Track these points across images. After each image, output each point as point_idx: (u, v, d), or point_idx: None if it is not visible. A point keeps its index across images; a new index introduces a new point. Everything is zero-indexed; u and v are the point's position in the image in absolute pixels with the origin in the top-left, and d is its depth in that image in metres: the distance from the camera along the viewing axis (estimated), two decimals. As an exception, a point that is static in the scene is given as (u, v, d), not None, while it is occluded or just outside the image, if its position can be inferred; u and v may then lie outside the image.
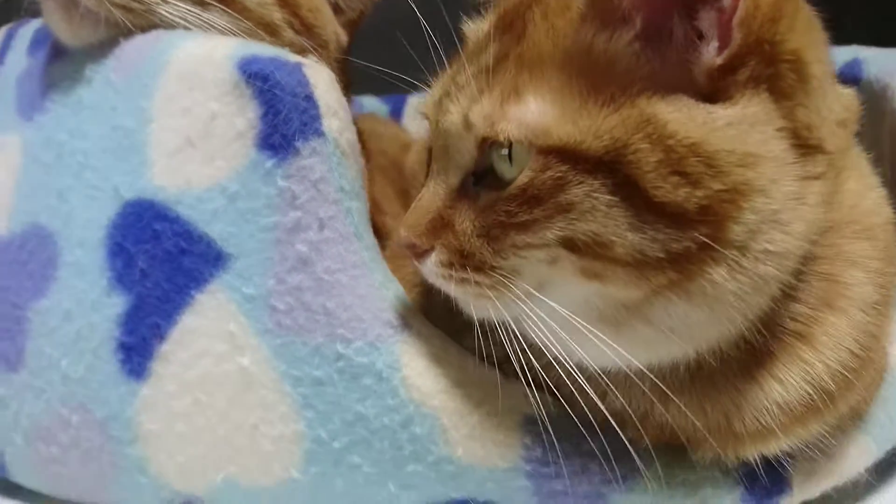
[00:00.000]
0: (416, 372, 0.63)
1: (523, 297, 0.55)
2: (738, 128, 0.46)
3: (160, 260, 0.67)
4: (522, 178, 0.49)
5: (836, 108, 0.53)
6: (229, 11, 0.75)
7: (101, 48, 0.74)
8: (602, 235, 0.48)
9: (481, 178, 0.53)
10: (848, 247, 0.56)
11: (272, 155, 0.64)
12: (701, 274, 0.48)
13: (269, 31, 0.77)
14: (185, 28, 0.74)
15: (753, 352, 0.55)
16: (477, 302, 0.57)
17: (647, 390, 0.58)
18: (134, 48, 0.72)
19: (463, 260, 0.53)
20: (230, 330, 0.65)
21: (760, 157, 0.46)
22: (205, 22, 0.74)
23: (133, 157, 0.69)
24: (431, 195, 0.55)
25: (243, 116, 0.65)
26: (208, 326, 0.65)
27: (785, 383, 0.59)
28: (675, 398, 0.59)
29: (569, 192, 0.48)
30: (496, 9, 0.65)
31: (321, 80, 0.66)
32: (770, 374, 0.59)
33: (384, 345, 0.63)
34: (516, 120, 0.49)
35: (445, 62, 0.61)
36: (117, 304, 0.67)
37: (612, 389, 0.60)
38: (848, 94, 0.57)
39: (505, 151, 0.53)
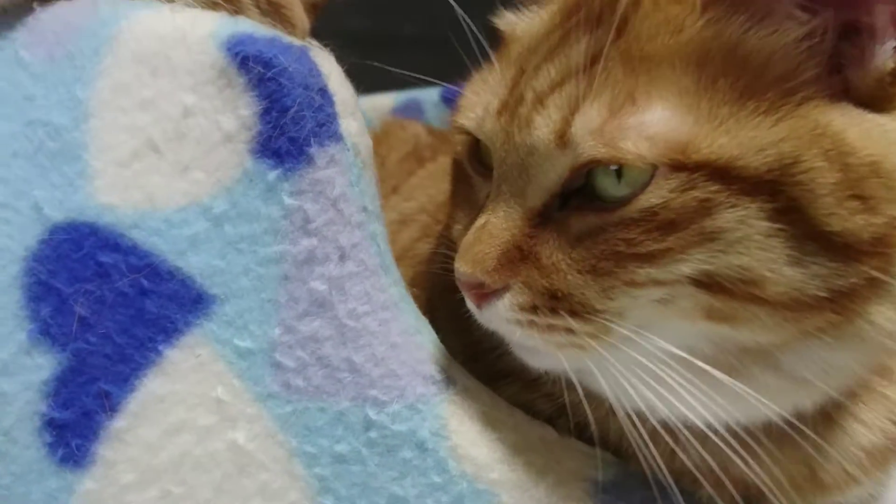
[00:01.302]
0: (468, 439, 0.49)
1: (617, 343, 0.42)
2: None
3: (110, 305, 0.48)
4: (651, 199, 0.39)
5: None
6: None
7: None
8: (753, 271, 0.39)
9: (567, 200, 0.42)
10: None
11: (276, 164, 0.48)
12: (862, 313, 0.40)
13: (233, 9, 0.60)
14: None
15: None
16: (563, 352, 0.44)
17: (732, 443, 0.49)
18: (55, 18, 0.52)
19: (553, 302, 0.42)
20: (217, 396, 0.47)
21: None
22: None
23: (64, 164, 0.49)
24: (501, 222, 0.43)
25: (233, 113, 0.48)
26: (185, 393, 0.47)
27: (869, 425, 0.51)
28: (760, 451, 0.50)
29: (717, 216, 0.38)
30: None
31: (333, 70, 0.50)
32: (853, 415, 0.51)
33: (427, 406, 0.48)
34: (640, 133, 0.39)
35: (482, 62, 0.48)
36: (43, 366, 0.47)
37: (690, 443, 0.50)
38: None
39: (614, 168, 0.41)
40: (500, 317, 0.43)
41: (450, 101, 1.42)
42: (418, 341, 0.47)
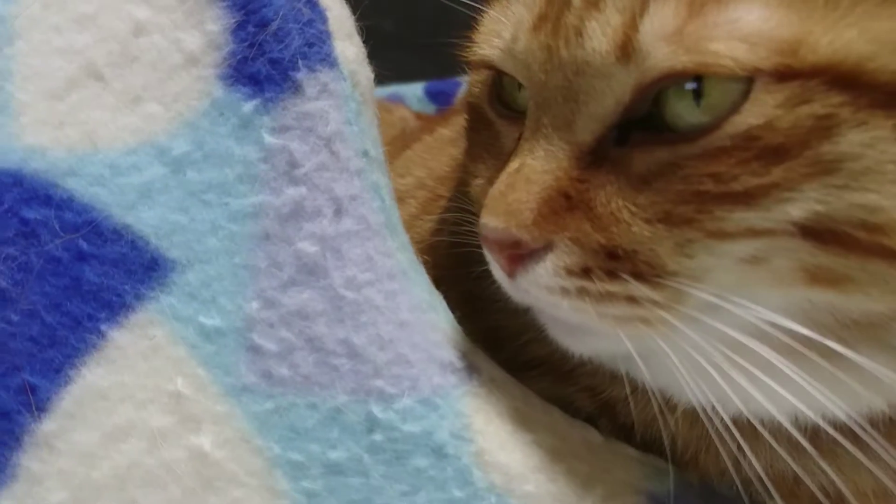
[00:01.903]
0: (497, 442, 0.38)
1: (695, 314, 0.33)
2: None
3: (37, 274, 0.36)
4: (749, 119, 0.30)
5: None
6: None
7: None
8: (883, 213, 0.29)
9: (626, 134, 0.33)
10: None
11: (253, 93, 0.37)
12: None
13: None
14: None
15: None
16: (624, 329, 0.34)
17: (809, 448, 0.37)
18: None
19: (612, 263, 0.33)
20: (176, 390, 0.36)
21: None
22: None
23: None
24: (542, 163, 0.34)
25: (198, 29, 0.37)
26: (134, 386, 0.36)
27: None
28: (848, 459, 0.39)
29: (840, 139, 0.29)
30: None
31: (325, -17, 0.40)
32: None
33: (445, 401, 0.38)
34: (733, 33, 0.30)
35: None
36: (-53, 352, 0.36)
37: (767, 445, 0.40)
38: None
39: (691, 86, 0.31)
40: (541, 285, 0.34)
41: (435, 95, 1.32)
42: (433, 320, 0.37)
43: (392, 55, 0.55)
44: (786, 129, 0.30)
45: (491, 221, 0.34)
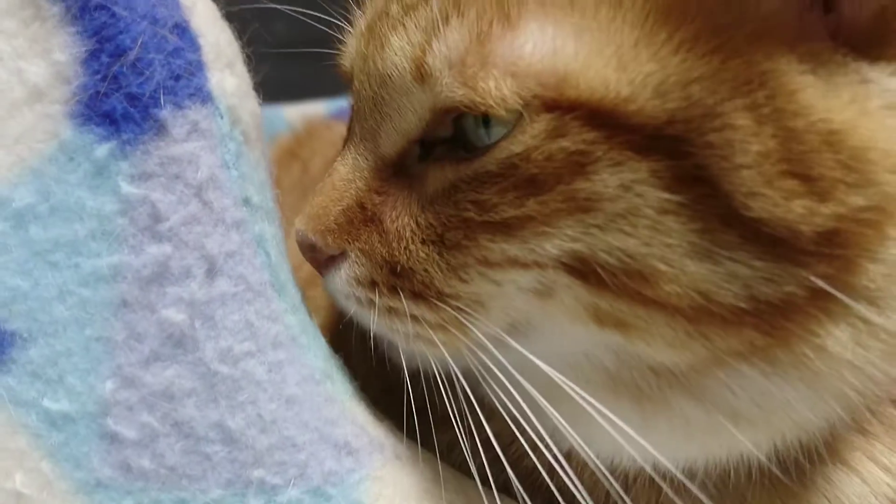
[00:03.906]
0: None
1: (487, 344, 0.31)
2: None
3: None
4: (511, 147, 0.29)
5: None
6: None
7: None
8: (640, 260, 0.28)
9: (431, 149, 0.33)
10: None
11: (109, 134, 0.31)
12: (806, 336, 0.29)
13: None
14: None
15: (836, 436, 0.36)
16: (414, 346, 0.33)
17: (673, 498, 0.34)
18: None
19: (395, 279, 0.32)
20: (15, 489, 0.30)
21: None
22: None
23: None
24: (349, 172, 0.34)
25: (44, 59, 0.31)
26: None
27: (892, 469, 0.38)
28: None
29: (593, 177, 0.28)
30: None
31: (201, 2, 0.34)
32: (870, 457, 0.38)
33: (340, 489, 0.32)
34: (507, 68, 0.29)
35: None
36: None
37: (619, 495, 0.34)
38: None
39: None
40: (339, 291, 0.34)
41: None
42: (327, 391, 0.31)
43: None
44: (541, 161, 0.28)
45: (298, 223, 0.34)
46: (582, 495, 0.30)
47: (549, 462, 0.31)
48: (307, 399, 0.31)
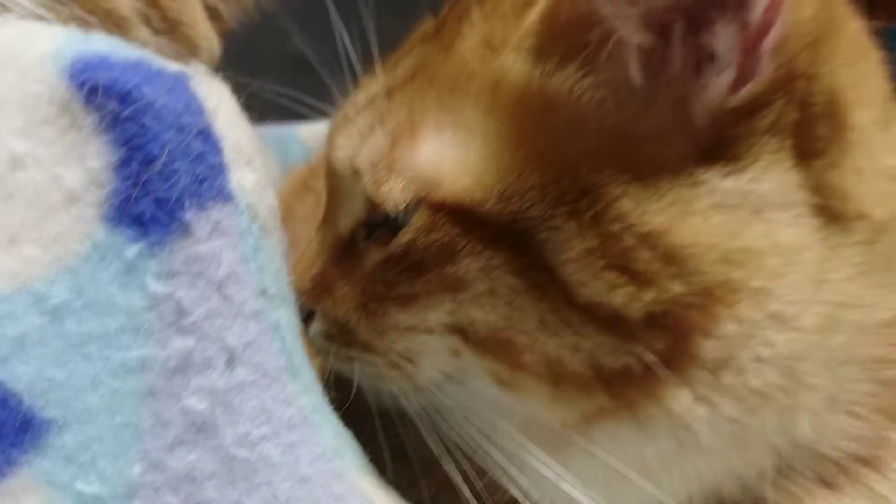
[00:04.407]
0: None
1: (430, 387, 0.37)
2: (736, 213, 0.32)
3: None
4: (403, 237, 0.35)
5: (891, 159, 0.36)
6: None
7: None
8: (504, 331, 0.34)
9: (374, 230, 0.38)
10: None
11: (138, 236, 0.33)
12: (650, 400, 0.33)
13: (113, 24, 0.46)
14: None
15: (797, 486, 0.38)
16: (378, 379, 0.39)
17: None
18: None
19: (345, 335, 0.39)
20: None
21: (760, 253, 0.32)
22: None
23: None
24: (318, 245, 0.41)
25: (79, 165, 0.33)
26: None
27: None
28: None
29: (458, 263, 0.34)
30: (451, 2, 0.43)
31: (222, 103, 0.36)
32: None
33: None
34: (407, 171, 0.35)
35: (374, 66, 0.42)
36: None
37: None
38: None
39: None
40: (313, 340, 0.40)
41: None
42: (337, 468, 0.33)
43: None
44: (421, 249, 0.34)
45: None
46: None
47: None
48: (319, 477, 0.33)
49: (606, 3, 0.31)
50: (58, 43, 0.34)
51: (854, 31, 0.34)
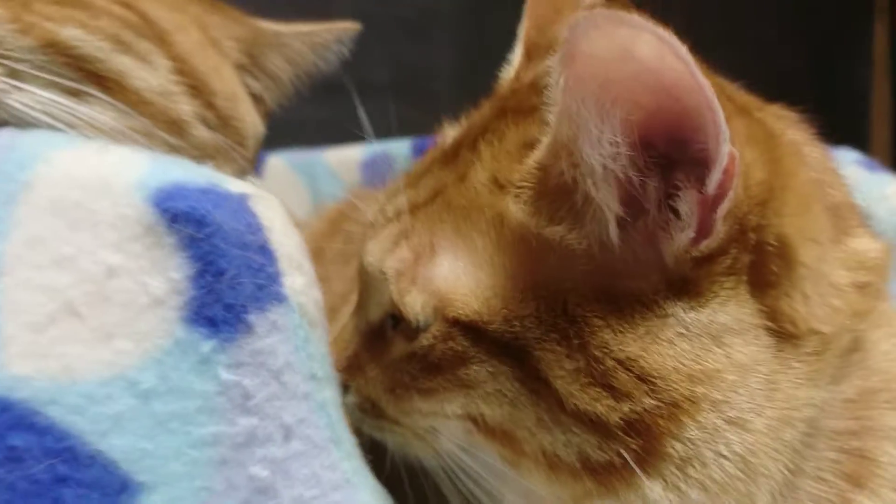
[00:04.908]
0: None
1: (448, 455, 0.44)
2: (698, 341, 0.37)
3: (22, 494, 0.40)
4: (423, 341, 0.41)
5: (842, 279, 0.41)
6: (116, 104, 0.50)
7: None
8: (507, 425, 0.40)
9: (399, 321, 0.43)
10: (880, 419, 0.45)
11: (210, 333, 0.41)
12: (628, 487, 0.38)
13: (174, 130, 0.53)
14: (49, 126, 0.48)
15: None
16: (405, 446, 0.46)
17: None
18: None
19: (374, 410, 0.45)
20: None
21: (719, 371, 0.37)
22: (79, 118, 0.48)
23: None
24: (352, 330, 0.48)
25: (162, 276, 0.41)
26: None
27: None
28: None
29: (469, 368, 0.40)
30: (468, 120, 0.49)
31: (276, 218, 0.43)
32: None
33: None
34: (427, 285, 0.41)
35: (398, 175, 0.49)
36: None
37: None
38: (875, 249, 0.45)
39: None
40: (349, 410, 0.45)
41: (421, 153, 1.33)
42: (374, 521, 0.40)
43: (381, 107, 0.59)
44: (438, 354, 0.40)
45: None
46: None
47: None
48: (358, 528, 0.41)
49: (587, 178, 0.37)
50: (143, 173, 0.41)
51: (802, 182, 0.39)
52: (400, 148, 1.27)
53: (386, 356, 0.44)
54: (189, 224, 0.39)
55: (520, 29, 0.52)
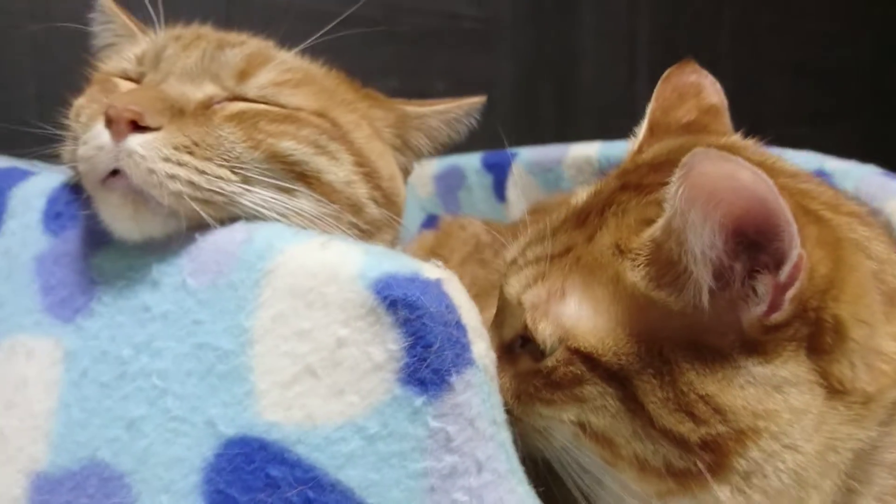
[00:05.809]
0: None
1: (560, 448, 0.54)
2: (763, 388, 0.46)
3: (280, 513, 0.53)
4: (548, 363, 0.51)
5: (891, 349, 0.48)
6: (316, 196, 0.62)
7: (166, 242, 0.60)
8: (610, 433, 0.49)
9: (527, 342, 0.54)
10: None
11: (421, 391, 0.53)
12: (702, 489, 0.47)
13: (354, 211, 0.65)
14: (268, 217, 0.61)
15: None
16: (526, 436, 0.55)
17: None
18: (216, 247, 0.57)
19: (504, 410, 0.52)
20: None
21: (777, 411, 0.46)
22: (291, 210, 0.60)
23: (233, 385, 0.54)
24: (490, 342, 0.55)
25: (382, 347, 0.53)
26: None
27: None
28: None
29: (584, 388, 0.50)
30: (598, 185, 0.59)
31: (462, 295, 0.55)
32: None
33: None
34: (556, 319, 0.51)
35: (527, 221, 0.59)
36: (226, 567, 0.53)
37: None
38: None
39: None
40: None
41: (491, 166, 1.40)
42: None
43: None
44: (560, 374, 0.50)
45: None
46: None
47: None
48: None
49: (689, 257, 0.45)
50: (362, 264, 0.53)
51: (860, 275, 0.47)
52: (470, 161, 1.33)
53: (514, 368, 0.54)
54: (403, 308, 0.51)
55: (648, 108, 0.65)
